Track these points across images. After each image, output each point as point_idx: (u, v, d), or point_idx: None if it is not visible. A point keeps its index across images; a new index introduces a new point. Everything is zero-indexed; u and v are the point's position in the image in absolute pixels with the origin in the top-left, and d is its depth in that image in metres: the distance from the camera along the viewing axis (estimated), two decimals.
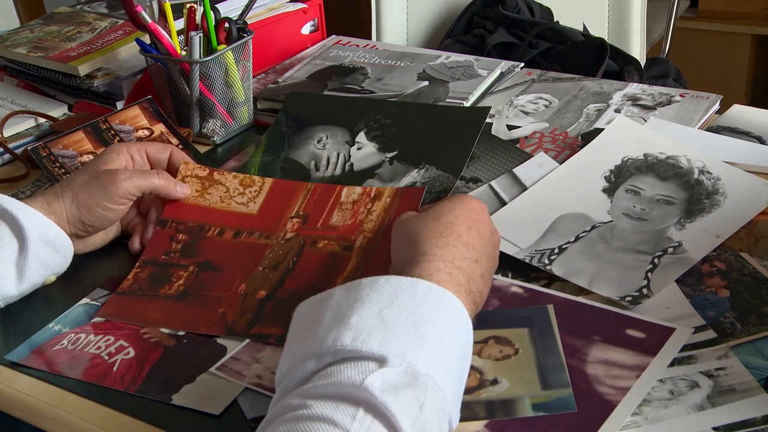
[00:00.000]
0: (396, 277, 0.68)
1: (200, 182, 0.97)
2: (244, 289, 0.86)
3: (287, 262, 0.87)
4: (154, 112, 1.19)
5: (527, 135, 1.13)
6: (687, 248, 0.88)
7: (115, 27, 1.39)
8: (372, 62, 1.35)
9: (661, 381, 0.72)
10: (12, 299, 0.87)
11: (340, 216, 0.89)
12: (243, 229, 0.92)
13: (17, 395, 0.79)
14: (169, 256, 0.92)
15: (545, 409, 0.70)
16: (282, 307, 0.82)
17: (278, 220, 0.91)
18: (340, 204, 0.91)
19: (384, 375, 0.59)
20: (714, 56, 2.69)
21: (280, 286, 0.85)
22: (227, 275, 0.88)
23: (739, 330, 0.77)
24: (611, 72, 1.44)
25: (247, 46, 1.21)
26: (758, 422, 0.68)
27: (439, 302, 0.67)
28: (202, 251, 0.91)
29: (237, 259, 0.89)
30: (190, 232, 0.93)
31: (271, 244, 0.89)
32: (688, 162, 1.00)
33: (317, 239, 0.88)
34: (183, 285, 0.88)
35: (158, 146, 0.99)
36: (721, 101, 1.18)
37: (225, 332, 0.81)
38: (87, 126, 1.13)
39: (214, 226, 0.93)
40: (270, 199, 0.95)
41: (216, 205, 0.95)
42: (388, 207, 0.89)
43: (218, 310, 0.84)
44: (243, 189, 0.95)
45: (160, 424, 0.74)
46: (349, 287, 0.68)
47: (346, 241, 0.86)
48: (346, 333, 0.62)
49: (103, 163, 0.94)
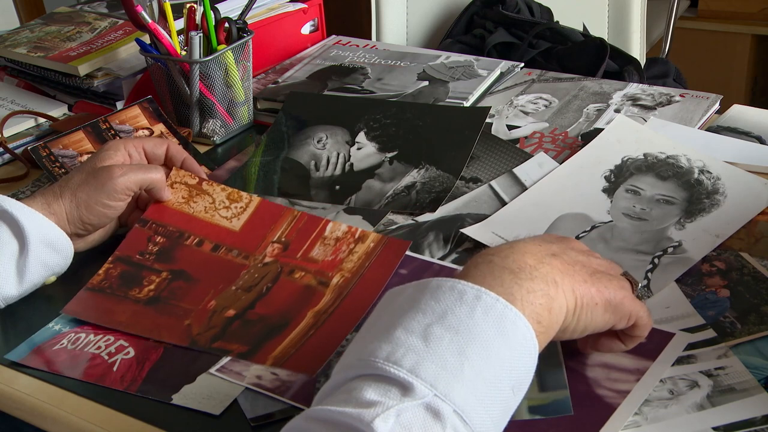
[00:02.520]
0: (462, 284, 0.62)
1: (188, 189, 0.96)
2: (213, 305, 0.85)
3: (261, 286, 0.86)
4: (154, 112, 1.19)
5: (527, 135, 1.13)
6: (687, 248, 0.88)
7: (115, 27, 1.39)
8: (372, 62, 1.35)
9: (661, 381, 0.72)
10: (12, 300, 0.87)
11: (322, 250, 0.88)
12: (223, 244, 0.91)
13: (17, 395, 0.79)
14: (143, 257, 0.91)
15: (542, 412, 0.70)
16: (249, 328, 0.82)
17: (259, 242, 0.91)
18: (324, 238, 0.90)
19: (400, 411, 0.55)
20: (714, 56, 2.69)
21: (250, 309, 0.84)
22: (199, 288, 0.87)
23: (739, 330, 0.77)
24: (611, 72, 1.44)
25: (247, 46, 1.21)
26: (758, 422, 0.68)
27: (498, 322, 0.60)
28: (178, 258, 0.91)
29: (212, 274, 0.88)
30: (169, 237, 0.92)
31: (249, 265, 0.88)
32: (688, 162, 1.00)
33: (295, 269, 0.87)
34: (153, 291, 0.87)
35: (155, 141, 0.99)
36: (721, 101, 1.18)
37: (188, 343, 0.81)
38: (87, 126, 1.13)
39: (194, 235, 0.92)
40: (254, 219, 0.94)
41: (199, 215, 0.94)
42: (370, 252, 0.88)
43: (185, 321, 0.83)
44: (229, 203, 0.95)
45: (160, 424, 0.74)
46: (418, 286, 0.64)
47: (323, 276, 0.86)
48: (384, 347, 0.59)
49: (100, 161, 0.93)
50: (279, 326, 0.81)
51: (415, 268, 0.89)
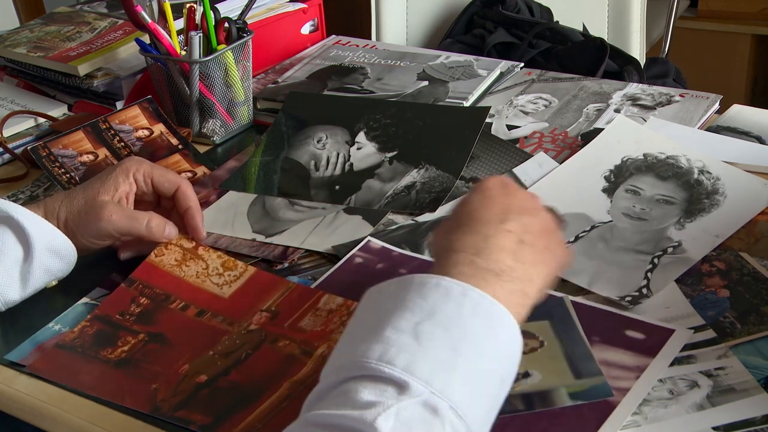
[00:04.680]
0: (447, 280, 0.64)
1: (182, 252, 0.92)
2: (186, 369, 0.79)
3: (240, 352, 0.80)
4: (153, 112, 1.19)
5: (527, 135, 1.13)
6: (687, 248, 0.88)
7: (115, 27, 1.39)
8: (372, 62, 1.35)
9: (660, 381, 0.72)
10: (14, 304, 0.87)
11: (312, 321, 0.82)
12: (208, 310, 0.86)
13: (17, 395, 0.79)
14: (123, 317, 0.86)
15: (582, 397, 0.71)
16: (217, 396, 0.75)
17: (248, 310, 0.85)
18: (316, 309, 0.83)
19: (399, 410, 0.56)
20: (714, 56, 2.69)
21: (224, 375, 0.78)
22: (175, 352, 0.81)
23: (739, 330, 0.77)
24: (611, 72, 1.44)
25: (247, 46, 1.21)
26: (758, 422, 0.68)
27: (486, 318, 0.62)
28: (159, 321, 0.85)
29: (191, 339, 0.83)
30: (154, 299, 0.88)
31: (232, 331, 0.83)
32: (687, 162, 1.00)
33: (279, 338, 0.81)
34: (126, 352, 0.82)
35: (167, 179, 0.93)
36: (720, 101, 1.18)
37: (150, 410, 0.75)
38: (87, 126, 1.13)
39: (180, 299, 0.87)
40: (246, 287, 0.88)
41: (190, 279, 0.89)
42: None
43: (152, 385, 0.78)
44: (223, 270, 0.90)
45: (160, 424, 0.74)
46: (400, 283, 0.64)
47: (308, 346, 0.79)
48: (376, 347, 0.59)
49: (104, 190, 0.90)
50: (250, 396, 0.75)
51: (414, 268, 0.89)
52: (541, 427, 0.69)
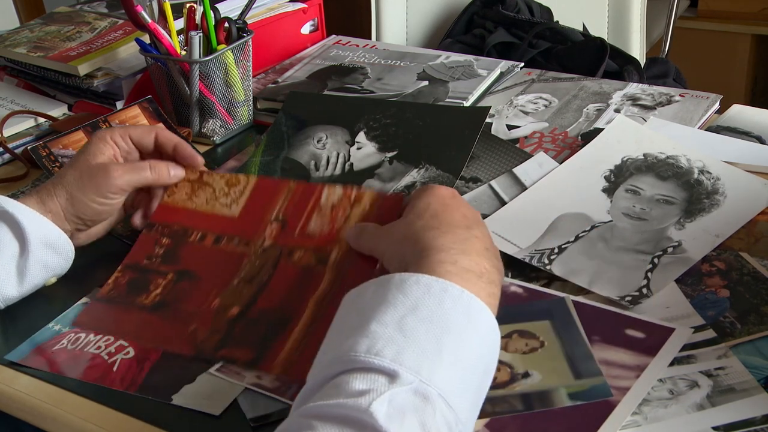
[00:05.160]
0: (427, 277, 0.66)
1: (190, 185, 0.95)
2: (217, 304, 0.83)
3: (262, 275, 0.84)
4: (153, 112, 1.19)
5: (527, 135, 1.13)
6: (687, 248, 0.88)
7: (115, 27, 1.39)
8: (372, 62, 1.35)
9: (660, 381, 0.72)
10: (12, 301, 0.87)
11: (318, 222, 0.85)
12: (224, 235, 0.89)
13: (17, 395, 0.79)
14: (150, 261, 0.89)
15: (582, 397, 0.71)
16: (251, 329, 0.80)
17: (258, 224, 0.88)
18: (320, 207, 0.86)
19: (392, 396, 0.57)
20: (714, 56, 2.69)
21: (253, 304, 0.82)
22: (203, 287, 0.85)
23: (739, 330, 0.77)
24: (611, 72, 1.44)
25: (247, 46, 1.21)
26: (758, 422, 0.68)
27: (466, 312, 0.65)
28: (182, 258, 0.89)
29: (215, 269, 0.86)
30: (174, 236, 0.91)
31: (249, 253, 0.86)
32: (687, 162, 1.00)
33: (294, 249, 0.84)
34: (159, 295, 0.86)
35: (142, 130, 0.96)
36: (720, 101, 1.18)
37: (194, 352, 0.79)
38: (87, 126, 1.13)
39: (196, 231, 0.90)
40: (252, 200, 0.91)
41: (201, 208, 0.92)
42: (367, 214, 0.85)
43: (190, 326, 0.82)
44: (228, 189, 0.92)
45: (160, 424, 0.74)
46: (380, 283, 0.67)
47: (321, 253, 0.83)
48: (362, 341, 0.61)
49: (92, 156, 0.91)
50: (281, 323, 0.79)
51: None
52: (541, 427, 0.69)
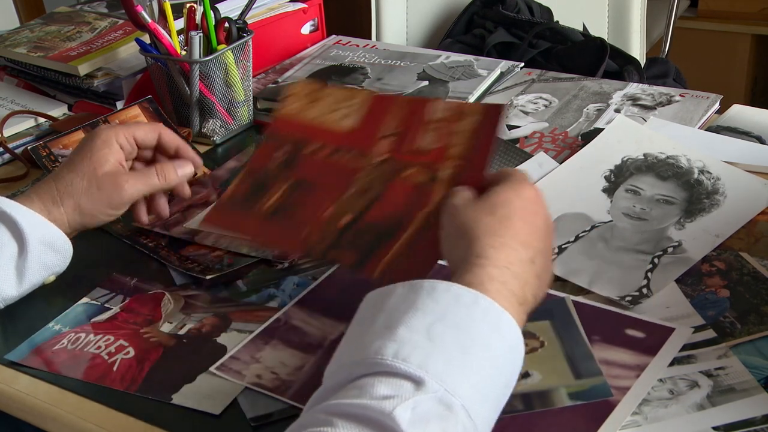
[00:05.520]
0: (457, 287, 0.65)
1: (307, 98, 0.96)
2: (330, 213, 0.85)
3: (375, 189, 0.85)
4: (154, 112, 1.19)
5: (527, 135, 1.13)
6: (687, 248, 0.88)
7: (115, 27, 1.39)
8: (372, 62, 1.35)
9: (660, 381, 0.72)
10: (11, 300, 0.87)
11: (428, 138, 0.86)
12: (339, 147, 0.90)
13: (17, 395, 0.79)
14: (269, 170, 0.92)
15: (582, 397, 0.71)
16: (360, 237, 0.82)
17: (371, 138, 0.89)
18: (427, 122, 0.87)
19: (416, 403, 0.57)
20: (714, 56, 2.69)
21: (363, 215, 0.84)
22: (318, 196, 0.88)
23: (739, 330, 0.77)
24: (611, 72, 1.44)
25: (247, 46, 1.21)
26: (758, 422, 0.68)
27: (494, 325, 0.64)
28: (300, 167, 0.91)
29: (329, 180, 0.88)
30: (291, 147, 0.93)
31: (363, 166, 0.87)
32: (687, 162, 1.00)
33: (406, 166, 0.85)
34: (276, 202, 0.89)
35: (145, 130, 0.96)
36: (721, 101, 1.18)
37: (304, 252, 0.84)
38: (87, 125, 1.13)
39: (313, 143, 0.92)
40: (367, 116, 0.92)
41: (317, 121, 0.93)
42: (470, 129, 0.84)
43: (303, 231, 0.85)
44: (343, 103, 0.93)
45: (160, 424, 0.74)
46: (410, 287, 0.66)
47: (432, 170, 0.83)
48: (390, 345, 0.60)
49: (98, 164, 0.90)
50: (388, 232, 0.81)
51: None
52: (541, 428, 0.69)
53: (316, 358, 0.79)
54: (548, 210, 0.75)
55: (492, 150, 0.81)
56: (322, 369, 0.74)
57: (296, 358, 0.79)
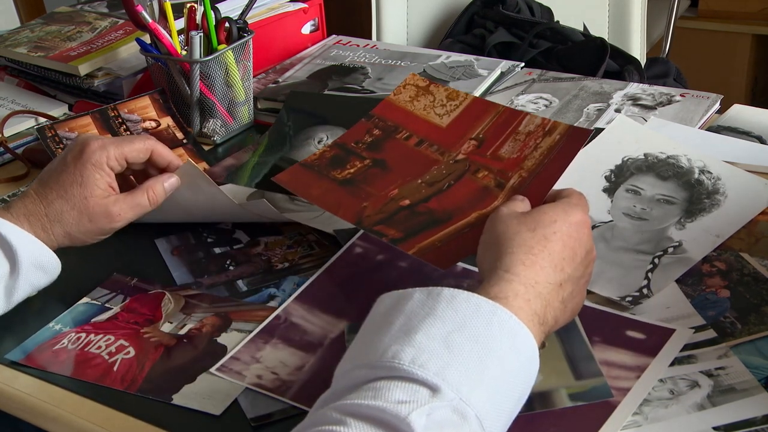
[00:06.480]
0: (477, 297, 0.65)
1: (416, 90, 1.00)
2: (395, 193, 0.89)
3: (443, 183, 0.88)
4: (163, 105, 1.19)
5: None
6: (687, 248, 0.88)
7: (116, 27, 1.39)
8: (372, 62, 1.35)
9: (661, 381, 0.72)
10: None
11: (511, 147, 0.89)
12: (427, 140, 0.94)
13: (17, 395, 0.79)
14: (357, 146, 0.96)
15: (583, 398, 0.71)
16: (413, 219, 0.86)
17: (459, 138, 0.93)
18: (517, 133, 0.90)
19: (431, 410, 0.57)
20: (714, 56, 2.69)
21: (424, 202, 0.87)
22: (389, 177, 0.91)
23: (739, 330, 0.77)
24: (611, 72, 1.44)
25: (248, 46, 1.21)
26: (758, 422, 0.68)
27: (512, 337, 0.64)
28: (384, 149, 0.95)
29: (407, 166, 0.92)
30: (385, 130, 0.97)
31: (441, 161, 0.91)
32: (688, 162, 1.00)
33: (480, 168, 0.88)
34: (351, 173, 0.93)
35: (138, 149, 0.92)
36: (721, 101, 1.18)
37: (354, 221, 0.87)
38: (95, 112, 1.14)
39: (406, 130, 0.96)
40: (462, 116, 0.95)
41: (417, 111, 0.98)
42: (553, 146, 0.86)
43: (362, 203, 0.89)
44: (446, 101, 0.98)
45: (160, 424, 0.74)
46: (429, 293, 0.66)
47: (503, 177, 0.86)
48: (407, 350, 0.61)
49: (89, 192, 0.88)
50: (440, 220, 0.84)
51: (414, 261, 0.89)
52: (542, 428, 0.69)
53: (316, 358, 0.79)
54: (591, 242, 0.74)
55: (563, 170, 0.83)
56: (322, 369, 0.74)
57: (296, 358, 0.79)
